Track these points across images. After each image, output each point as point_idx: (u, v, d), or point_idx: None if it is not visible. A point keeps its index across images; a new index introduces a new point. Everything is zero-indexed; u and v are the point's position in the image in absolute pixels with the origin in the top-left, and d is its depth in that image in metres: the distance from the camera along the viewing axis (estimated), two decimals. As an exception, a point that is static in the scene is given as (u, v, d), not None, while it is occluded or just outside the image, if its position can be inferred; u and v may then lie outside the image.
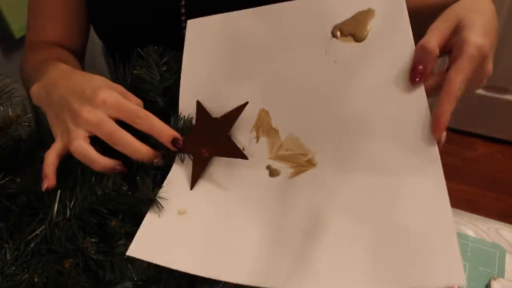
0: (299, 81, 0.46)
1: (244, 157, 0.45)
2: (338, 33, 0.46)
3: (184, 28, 0.67)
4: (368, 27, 0.45)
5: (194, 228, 0.42)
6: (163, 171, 0.47)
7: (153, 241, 0.41)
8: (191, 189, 0.45)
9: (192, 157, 0.47)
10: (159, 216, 0.42)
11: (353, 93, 0.44)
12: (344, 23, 0.46)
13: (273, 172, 0.44)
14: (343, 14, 0.46)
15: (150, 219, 0.42)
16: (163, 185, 0.45)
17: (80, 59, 0.75)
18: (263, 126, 0.47)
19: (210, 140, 0.47)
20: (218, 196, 0.44)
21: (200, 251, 0.40)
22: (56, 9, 0.70)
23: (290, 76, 0.47)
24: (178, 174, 0.46)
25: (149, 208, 0.43)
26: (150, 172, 0.45)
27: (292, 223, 0.40)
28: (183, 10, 0.67)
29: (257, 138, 0.47)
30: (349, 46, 0.45)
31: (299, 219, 0.40)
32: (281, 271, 0.36)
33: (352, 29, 0.46)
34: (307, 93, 0.46)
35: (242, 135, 0.48)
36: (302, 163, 0.44)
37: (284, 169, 0.44)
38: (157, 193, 0.43)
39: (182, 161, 0.48)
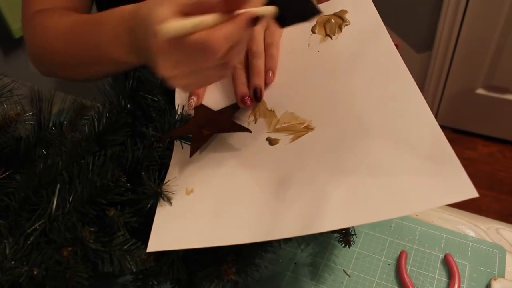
0: (289, 71, 0.51)
1: (247, 130, 0.46)
2: (316, 30, 0.53)
3: None
4: (344, 22, 0.52)
5: (203, 203, 0.43)
6: (165, 167, 0.47)
7: (169, 229, 0.41)
8: (190, 156, 0.46)
9: (190, 139, 0.48)
10: (170, 205, 0.43)
11: (339, 72, 0.48)
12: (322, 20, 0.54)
13: (273, 142, 0.46)
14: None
15: (161, 210, 0.43)
16: (166, 177, 0.45)
17: None
18: (260, 110, 0.49)
19: (211, 123, 0.48)
20: (222, 170, 0.45)
21: (210, 223, 0.41)
22: None
23: (280, 68, 0.51)
24: (179, 160, 0.47)
25: (156, 202, 0.43)
26: (154, 167, 0.45)
27: (292, 179, 0.41)
28: None
29: (255, 119, 0.49)
30: (328, 38, 0.52)
31: (299, 175, 0.41)
32: (283, 222, 0.38)
33: (329, 25, 0.53)
34: (297, 78, 0.50)
35: (240, 120, 0.49)
36: (300, 129, 0.46)
37: (283, 137, 0.46)
38: (162, 186, 0.43)
39: (182, 147, 0.48)
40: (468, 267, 0.53)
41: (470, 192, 0.34)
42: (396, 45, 0.47)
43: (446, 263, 0.53)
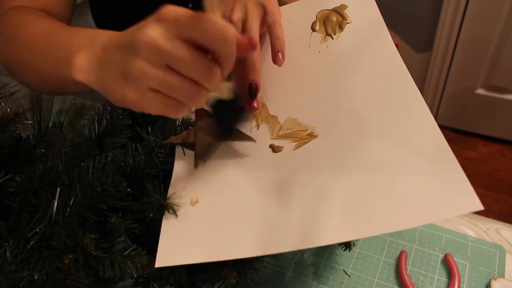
0: (290, 73, 0.50)
1: (251, 139, 0.46)
2: (317, 27, 0.51)
3: None
4: (345, 20, 0.50)
5: (208, 214, 0.43)
6: (167, 173, 0.46)
7: (176, 244, 0.41)
8: (195, 168, 0.45)
9: (194, 147, 0.47)
10: (175, 217, 0.43)
11: (340, 74, 0.47)
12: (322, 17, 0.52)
13: (276, 149, 0.46)
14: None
15: (167, 223, 0.43)
16: (170, 187, 0.45)
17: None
18: (262, 116, 0.49)
19: (214, 130, 0.47)
20: (226, 178, 0.45)
21: (217, 236, 0.41)
22: None
23: (281, 70, 0.50)
24: (182, 168, 0.47)
25: (161, 214, 0.43)
26: (156, 172, 0.44)
27: (296, 189, 0.41)
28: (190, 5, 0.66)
29: (258, 125, 0.48)
30: (329, 38, 0.51)
31: (303, 185, 0.41)
32: (286, 236, 0.38)
33: (330, 24, 0.51)
34: (298, 82, 0.49)
35: (242, 126, 0.49)
36: (303, 136, 0.45)
37: (287, 144, 0.45)
38: (168, 199, 0.43)
39: (184, 153, 0.48)
40: (468, 267, 0.53)
41: (474, 205, 0.34)
42: (396, 45, 0.47)
43: (446, 263, 0.53)
